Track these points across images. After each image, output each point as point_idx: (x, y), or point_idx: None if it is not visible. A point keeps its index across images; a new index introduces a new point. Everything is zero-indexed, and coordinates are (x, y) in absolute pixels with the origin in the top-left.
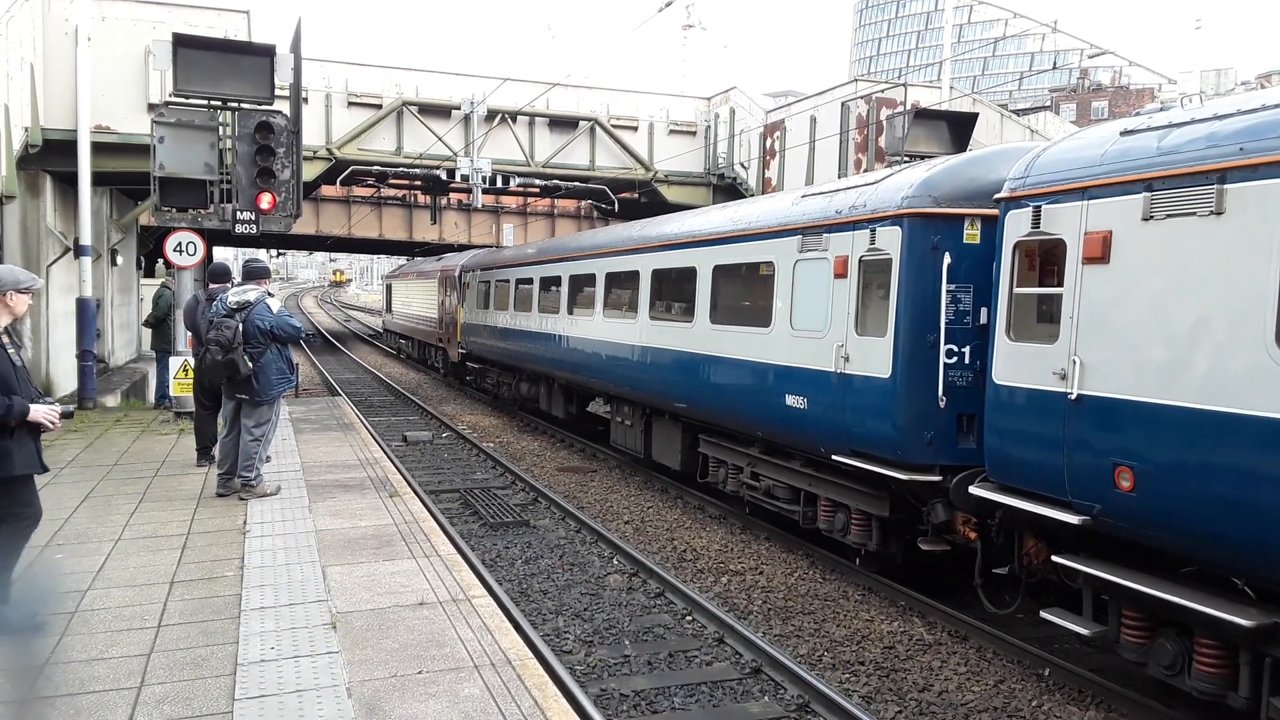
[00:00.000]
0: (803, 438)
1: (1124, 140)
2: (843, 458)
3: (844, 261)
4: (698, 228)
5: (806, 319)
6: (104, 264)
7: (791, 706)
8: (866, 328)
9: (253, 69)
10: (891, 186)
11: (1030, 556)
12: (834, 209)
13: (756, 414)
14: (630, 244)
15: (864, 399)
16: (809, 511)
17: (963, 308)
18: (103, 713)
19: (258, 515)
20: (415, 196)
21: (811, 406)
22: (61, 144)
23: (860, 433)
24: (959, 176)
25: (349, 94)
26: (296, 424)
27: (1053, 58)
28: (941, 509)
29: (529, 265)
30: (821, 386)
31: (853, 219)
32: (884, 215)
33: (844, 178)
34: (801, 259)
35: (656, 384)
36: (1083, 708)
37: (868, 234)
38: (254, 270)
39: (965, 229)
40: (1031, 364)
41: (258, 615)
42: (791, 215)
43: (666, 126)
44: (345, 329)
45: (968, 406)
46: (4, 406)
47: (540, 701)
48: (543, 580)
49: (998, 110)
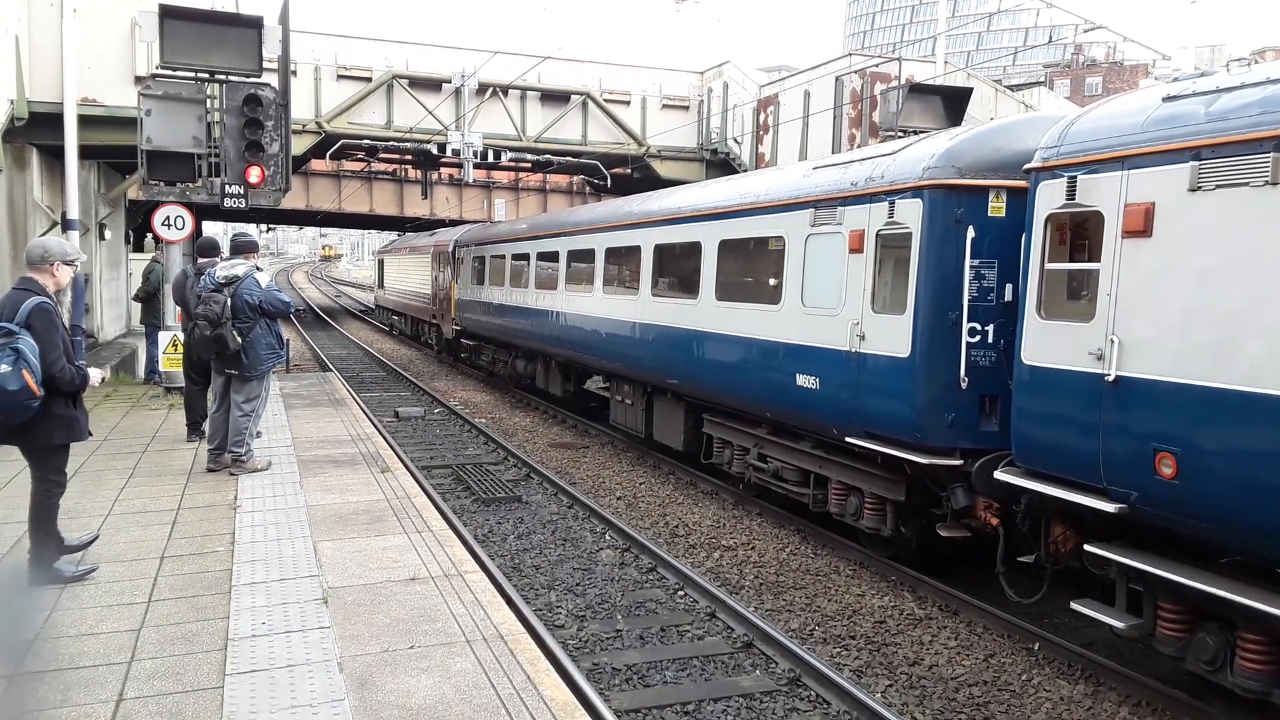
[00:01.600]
0: (814, 419)
1: (1167, 107)
2: (857, 440)
3: (860, 236)
4: (703, 201)
5: (819, 296)
6: (92, 238)
7: (783, 680)
8: (884, 305)
9: (240, 41)
10: (911, 157)
11: (1057, 544)
12: (849, 181)
13: (765, 394)
14: (631, 218)
15: (881, 379)
16: (819, 494)
17: (986, 284)
18: (93, 688)
19: (248, 490)
20: (406, 171)
21: (824, 386)
22: (48, 117)
23: (876, 414)
24: (983, 146)
25: (338, 67)
26: (287, 399)
27: (1048, 33)
28: (962, 494)
29: (525, 240)
30: (835, 366)
31: (869, 191)
32: (904, 187)
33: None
34: (814, 233)
35: (659, 362)
36: (1072, 681)
37: (886, 207)
38: (242, 244)
39: (990, 201)
40: (1064, 343)
41: (249, 590)
42: (803, 188)
43: (659, 101)
44: (336, 304)
45: (990, 387)
46: (80, 375)
47: (533, 676)
48: (535, 555)
49: (992, 85)
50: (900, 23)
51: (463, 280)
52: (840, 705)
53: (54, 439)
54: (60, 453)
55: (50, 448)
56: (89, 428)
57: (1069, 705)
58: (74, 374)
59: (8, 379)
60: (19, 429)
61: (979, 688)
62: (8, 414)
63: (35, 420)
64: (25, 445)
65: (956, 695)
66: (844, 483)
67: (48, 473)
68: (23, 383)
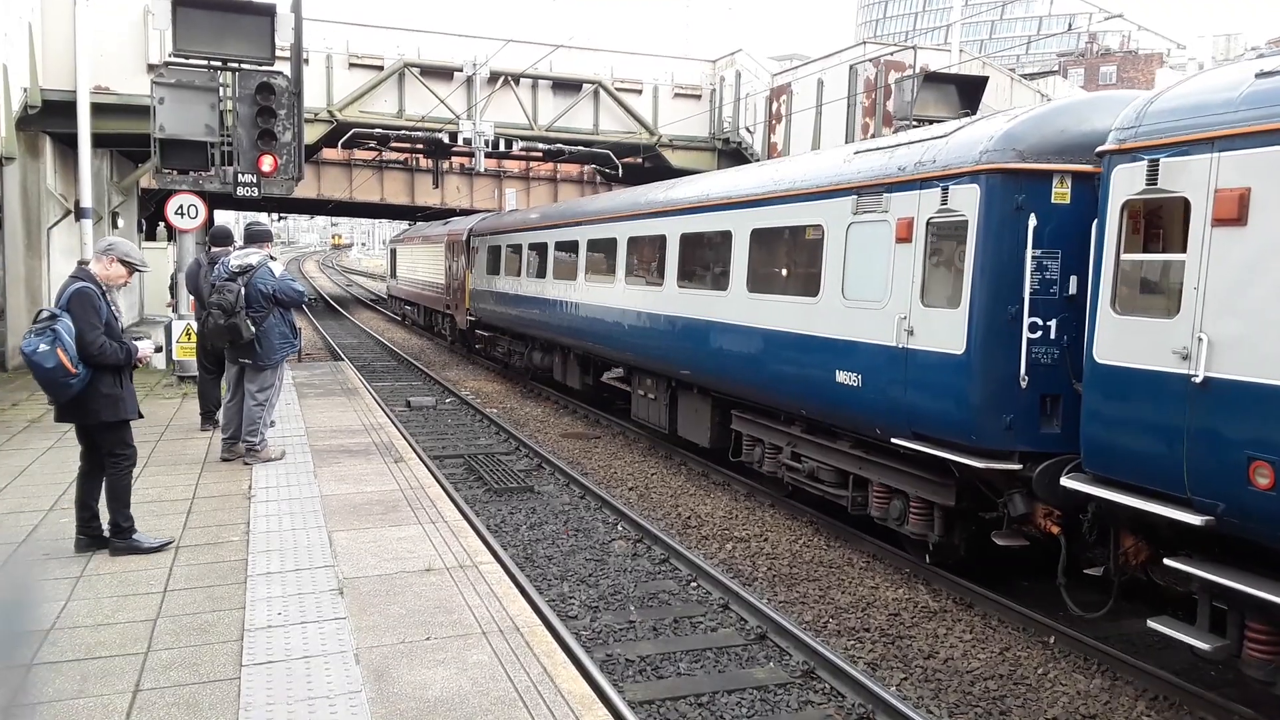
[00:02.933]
0: (855, 418)
1: (1262, 83)
2: (904, 441)
3: (908, 224)
4: (733, 189)
5: (862, 288)
6: (105, 227)
7: (796, 673)
8: (935, 298)
9: (253, 29)
10: (966, 140)
11: (1128, 556)
12: (896, 166)
13: (800, 390)
14: (655, 207)
15: (931, 377)
16: (858, 497)
17: (1049, 276)
18: (109, 678)
19: (262, 480)
20: (417, 160)
21: (867, 384)
22: (61, 105)
23: (925, 414)
24: (1047, 127)
25: (350, 55)
26: (300, 389)
27: (1064, 20)
28: (1020, 500)
29: (543, 229)
30: (879, 362)
31: (919, 176)
32: (958, 172)
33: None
34: (856, 221)
35: (685, 356)
36: (1089, 675)
37: (938, 193)
38: (256, 233)
39: (1054, 187)
40: (1144, 341)
41: (264, 580)
42: (844, 173)
43: (671, 90)
44: (347, 294)
45: (1052, 386)
46: (125, 349)
47: (549, 668)
48: (547, 546)
49: (1007, 74)
50: (912, 11)
51: (477, 270)
52: (855, 698)
53: (101, 416)
54: (117, 429)
55: (103, 425)
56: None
57: (1085, 699)
58: (115, 350)
59: (45, 357)
60: (70, 406)
61: (995, 681)
62: (49, 390)
63: (83, 397)
64: (79, 422)
65: (972, 689)
66: (887, 485)
67: (113, 447)
68: (57, 361)
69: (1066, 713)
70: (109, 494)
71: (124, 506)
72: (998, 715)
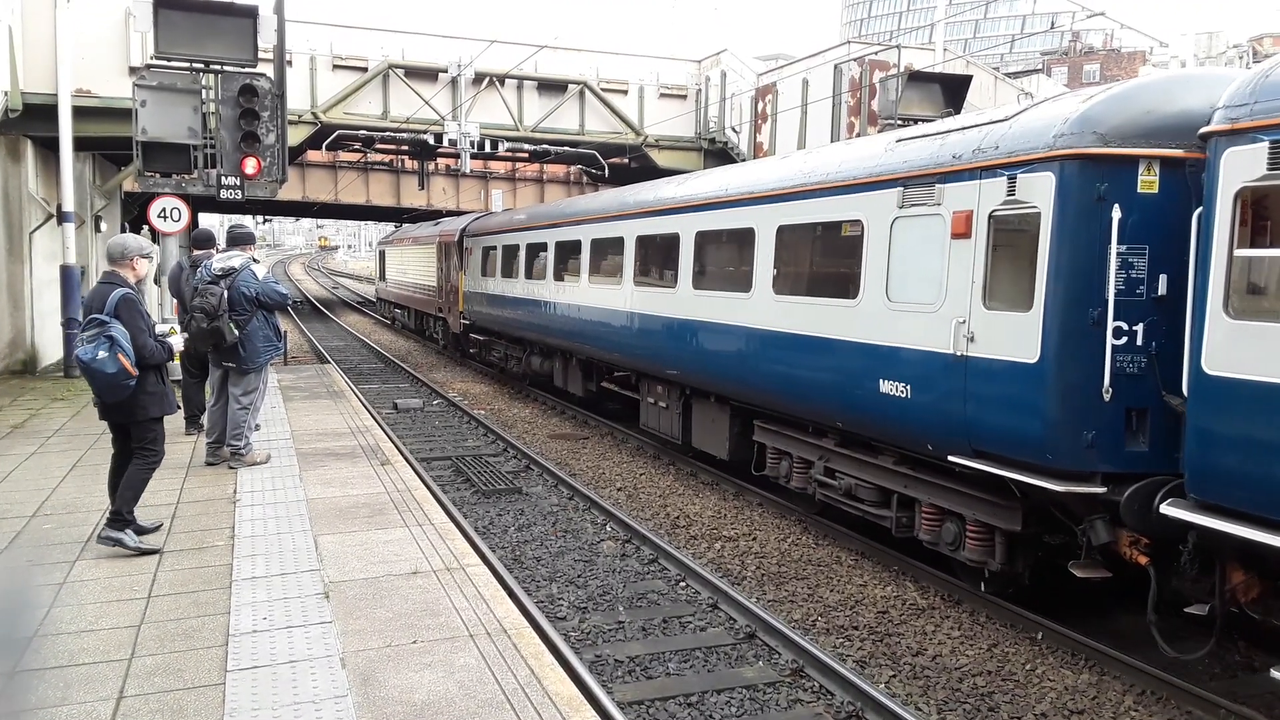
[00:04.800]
0: (902, 432)
1: None
2: (962, 459)
3: (966, 218)
4: (756, 182)
5: (910, 289)
6: (88, 230)
7: (786, 671)
8: (1001, 300)
9: (235, 31)
10: (1036, 122)
11: (1237, 592)
12: (950, 154)
13: (836, 401)
14: (667, 203)
15: (997, 388)
16: (903, 518)
17: (1135, 275)
18: (93, 685)
19: (248, 484)
20: (402, 162)
21: (917, 395)
22: (42, 108)
23: (989, 430)
24: (1131, 107)
25: (334, 57)
26: (285, 392)
27: (1048, 19)
28: (1103, 528)
29: (542, 229)
30: (932, 371)
31: (979, 164)
32: (1028, 158)
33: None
34: (903, 216)
35: (701, 363)
36: (1076, 671)
37: (1003, 183)
38: (239, 236)
39: (1140, 174)
40: (1265, 350)
41: (249, 585)
42: (887, 163)
43: (657, 90)
44: (333, 296)
45: (1138, 399)
46: (165, 348)
47: (536, 670)
48: (536, 548)
49: (991, 73)
50: (897, 10)
51: (471, 271)
52: (844, 696)
53: (149, 413)
54: (155, 425)
55: (145, 421)
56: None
57: (1073, 694)
58: (158, 349)
59: (105, 364)
60: (118, 406)
61: (983, 677)
62: (108, 393)
63: (132, 397)
64: (126, 420)
65: (960, 685)
66: (938, 506)
67: (146, 444)
68: (119, 365)
69: (1054, 708)
70: (126, 483)
71: (134, 500)
72: (986, 711)
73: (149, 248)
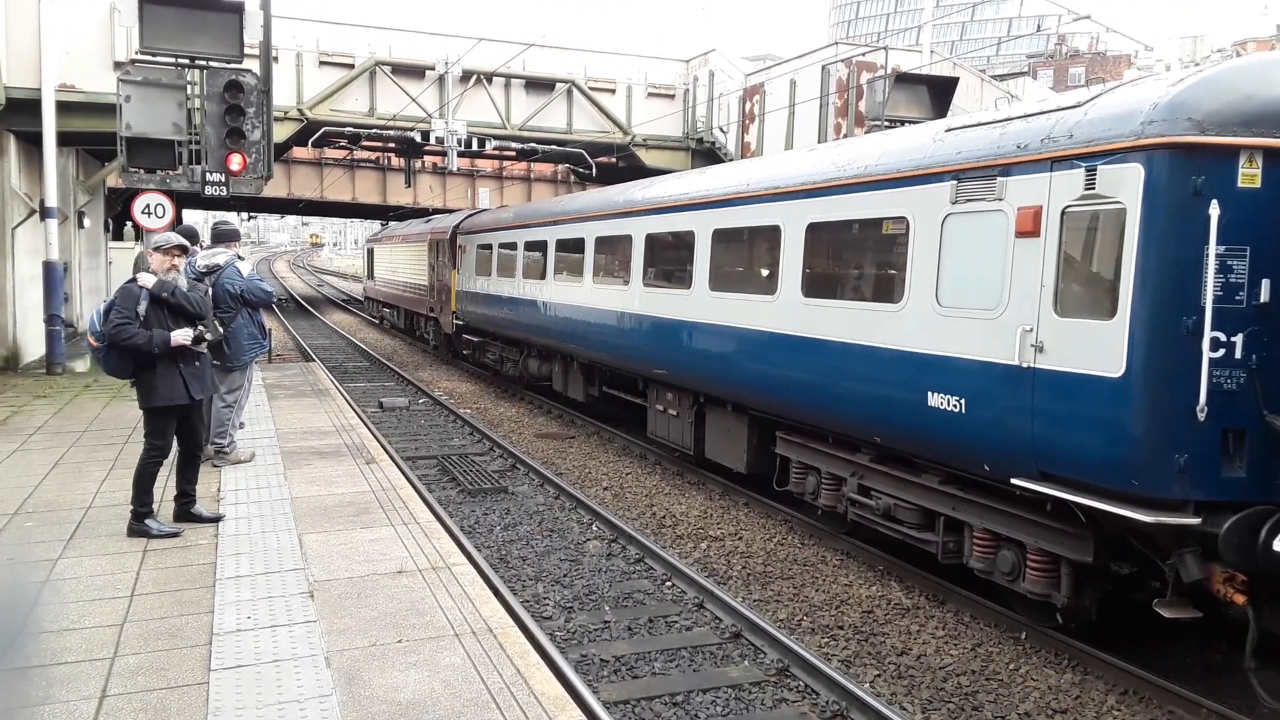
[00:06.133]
0: (954, 450)
1: None
2: (1027, 482)
3: (1034, 215)
4: (783, 177)
5: (965, 292)
6: (71, 226)
7: (771, 670)
8: (1076, 306)
9: (221, 26)
10: (1117, 108)
11: None
12: (1014, 143)
13: (874, 414)
14: (680, 199)
15: (1071, 404)
16: (951, 543)
17: (1234, 279)
18: (75, 684)
19: (232, 483)
20: (389, 159)
21: (973, 410)
22: (25, 103)
23: (1061, 451)
24: (1228, 91)
25: (320, 53)
26: (270, 390)
27: (1033, 22)
28: (1194, 563)
29: (542, 226)
30: (992, 383)
31: (1049, 155)
32: (1110, 148)
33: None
34: (956, 212)
35: (717, 370)
36: (1060, 670)
37: (1079, 175)
38: (223, 233)
39: (1241, 167)
40: None
41: (233, 584)
42: (938, 154)
43: (645, 89)
44: (318, 294)
45: (1236, 419)
46: (146, 340)
47: (522, 669)
48: (522, 547)
49: (977, 75)
50: (884, 12)
51: (465, 270)
52: (829, 695)
53: (146, 401)
54: (153, 416)
55: (146, 410)
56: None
57: (1056, 694)
58: (141, 336)
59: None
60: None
61: (967, 677)
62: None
63: (136, 384)
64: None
65: (945, 685)
66: (993, 532)
67: (147, 434)
68: (89, 340)
69: (1038, 707)
70: (136, 477)
71: (142, 491)
72: (970, 711)
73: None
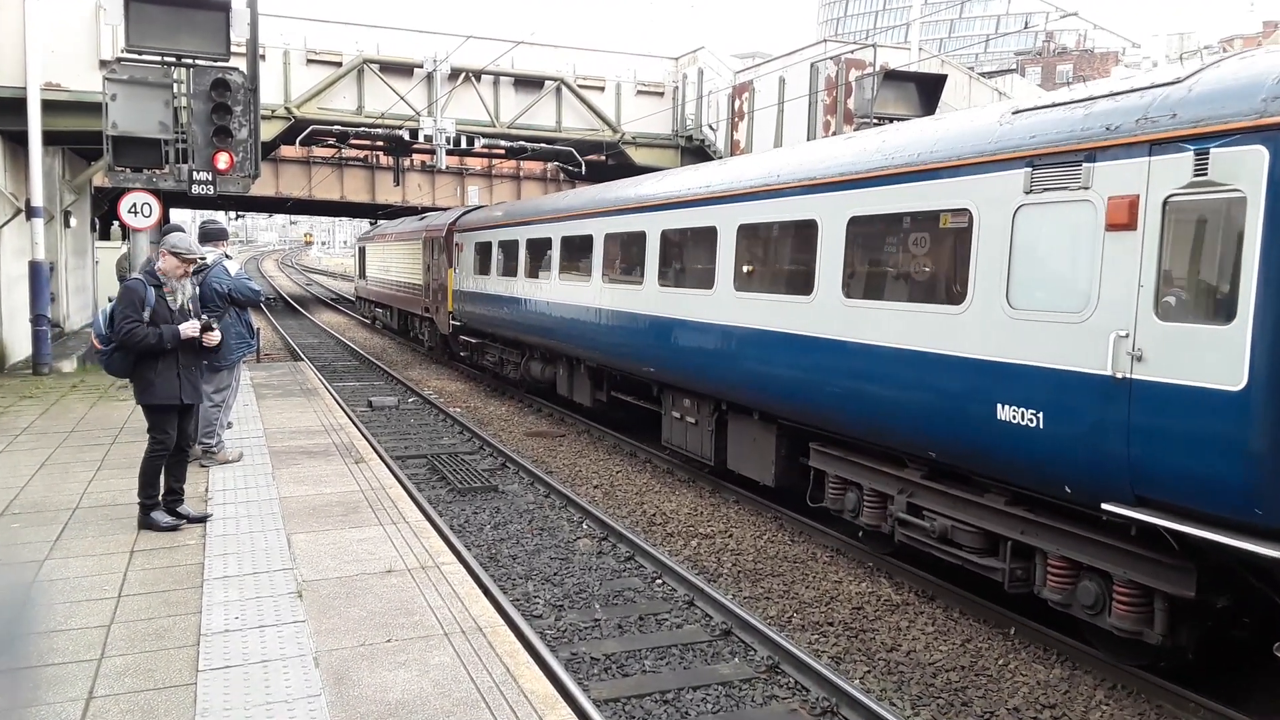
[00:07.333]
0: (1029, 469)
1: None
2: (1121, 508)
3: (1130, 205)
4: (820, 167)
5: (1042, 293)
6: (57, 226)
7: (761, 668)
8: (1185, 309)
9: (207, 24)
10: (1230, 84)
11: None
12: (1101, 124)
13: (931, 427)
14: (699, 194)
15: (1178, 421)
16: (1019, 570)
17: None
18: (62, 686)
19: (219, 482)
20: (378, 158)
21: (1053, 425)
22: (11, 102)
23: (1165, 473)
24: None
25: (308, 51)
26: (258, 389)
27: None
28: None
29: (545, 223)
30: (1077, 396)
31: (1148, 137)
32: (1225, 128)
33: (1096, 81)
34: (1031, 203)
35: (741, 375)
36: (1048, 665)
37: (1186, 160)
38: (211, 232)
39: None
40: None
41: (221, 584)
42: (1007, 138)
43: (634, 87)
44: (307, 293)
45: None
46: (155, 335)
47: (512, 668)
48: (512, 545)
49: (966, 72)
50: (873, 9)
51: (462, 269)
52: (819, 692)
53: (143, 399)
54: (153, 412)
55: (145, 406)
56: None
57: (1045, 689)
58: (147, 334)
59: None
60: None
61: (956, 673)
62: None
63: (135, 381)
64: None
65: (934, 680)
66: (1069, 560)
67: (150, 430)
68: (91, 341)
69: (1027, 702)
70: (140, 471)
71: (147, 484)
72: (959, 706)
73: (173, 241)
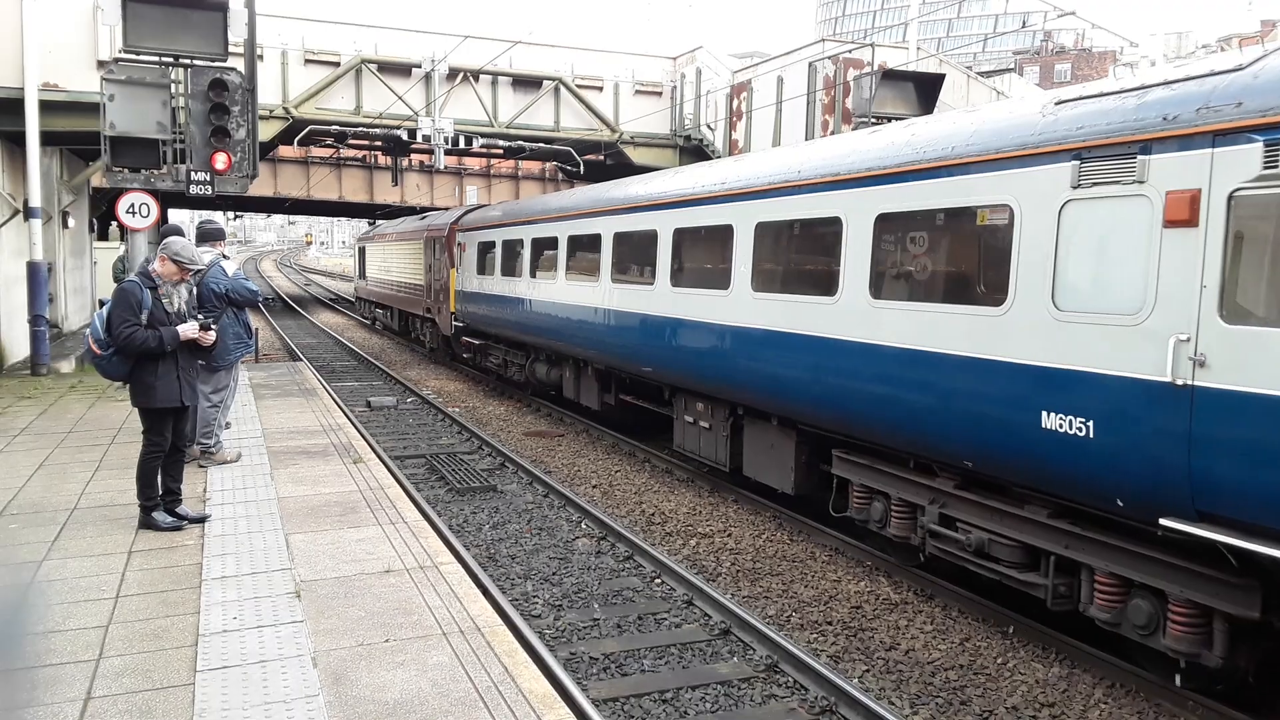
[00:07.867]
0: (1077, 481)
1: None
2: (1181, 524)
3: (1190, 200)
4: (844, 162)
5: (1092, 294)
6: (55, 226)
7: (760, 667)
8: (1254, 311)
9: (205, 24)
10: None
11: None
12: (1158, 114)
13: (967, 434)
14: (714, 191)
15: (1247, 431)
16: (1063, 586)
17: None
18: (60, 686)
19: (218, 483)
20: (376, 158)
21: (1104, 434)
22: (8, 102)
23: (1231, 487)
24: None
25: (306, 51)
26: (257, 390)
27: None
28: None
29: (551, 222)
30: (1132, 403)
31: (1212, 128)
32: None
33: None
34: (1079, 198)
35: (764, 380)
36: (1047, 664)
37: (1254, 151)
38: (208, 232)
39: None
40: None
41: (219, 584)
42: (1052, 130)
43: (632, 87)
44: (305, 293)
45: None
46: (155, 337)
47: (510, 668)
48: (510, 545)
49: (964, 71)
50: (871, 8)
51: (465, 269)
52: (818, 691)
53: (140, 402)
54: (149, 416)
55: (142, 410)
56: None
57: (1044, 688)
58: (147, 337)
59: (85, 340)
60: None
61: (955, 671)
62: (96, 368)
63: (131, 384)
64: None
65: (933, 679)
66: (1119, 576)
67: (146, 432)
68: (88, 344)
69: (1025, 701)
70: (138, 473)
71: (145, 486)
72: (958, 705)
73: (176, 246)
